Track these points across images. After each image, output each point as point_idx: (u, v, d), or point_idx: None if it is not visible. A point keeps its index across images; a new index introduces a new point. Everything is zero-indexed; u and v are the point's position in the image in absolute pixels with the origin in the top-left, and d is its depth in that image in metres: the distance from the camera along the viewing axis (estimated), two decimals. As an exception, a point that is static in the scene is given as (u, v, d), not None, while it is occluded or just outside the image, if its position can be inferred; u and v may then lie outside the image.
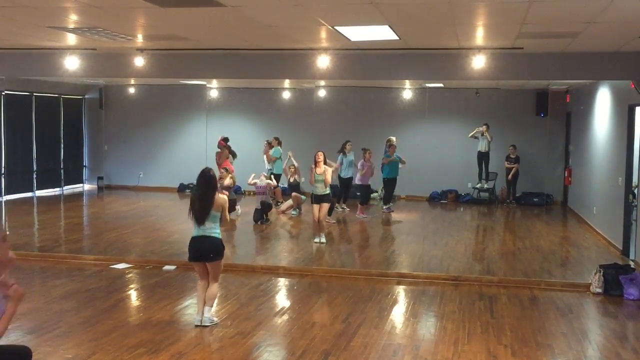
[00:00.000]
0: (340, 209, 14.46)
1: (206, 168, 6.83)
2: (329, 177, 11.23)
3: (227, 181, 12.56)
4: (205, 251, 6.69)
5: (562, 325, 7.10)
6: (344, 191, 14.61)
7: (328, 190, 11.29)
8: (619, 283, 8.27)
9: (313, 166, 11.23)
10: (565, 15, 6.47)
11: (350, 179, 14.43)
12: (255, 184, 13.45)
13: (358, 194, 14.46)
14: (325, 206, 11.30)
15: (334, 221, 13.43)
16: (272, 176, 14.36)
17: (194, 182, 6.92)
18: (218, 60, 10.17)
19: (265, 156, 15.38)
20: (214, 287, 6.79)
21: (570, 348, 6.39)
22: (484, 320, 7.19)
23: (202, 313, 6.78)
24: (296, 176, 14.32)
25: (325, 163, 11.32)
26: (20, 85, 15.93)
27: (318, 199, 11.21)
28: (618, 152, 11.06)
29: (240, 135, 17.32)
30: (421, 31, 7.73)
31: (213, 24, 7.38)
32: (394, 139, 14.66)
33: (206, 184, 6.71)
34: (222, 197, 6.80)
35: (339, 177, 14.14)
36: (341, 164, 14.06)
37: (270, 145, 15.37)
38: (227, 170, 12.77)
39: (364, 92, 16.85)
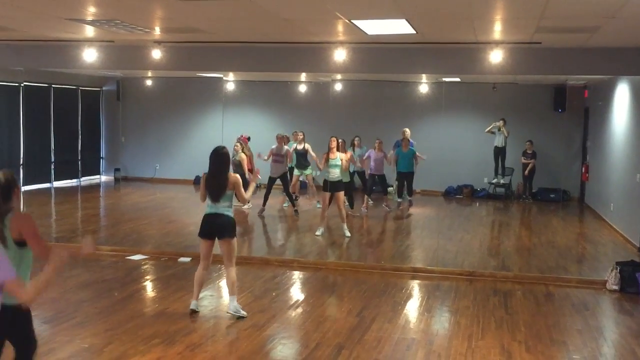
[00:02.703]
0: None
1: (219, 146, 6.85)
2: (345, 164, 11.19)
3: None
4: (217, 228, 6.71)
5: (577, 322, 7.07)
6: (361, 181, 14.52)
7: (341, 177, 11.20)
8: (636, 280, 8.21)
9: (325, 154, 11.18)
10: (585, 9, 6.41)
11: (362, 172, 14.40)
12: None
13: (374, 188, 14.36)
14: (340, 194, 11.23)
15: (358, 214, 13.39)
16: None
17: None
18: (235, 53, 10.19)
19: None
20: (232, 273, 6.80)
21: (585, 345, 6.36)
22: (499, 315, 7.16)
23: (198, 297, 6.91)
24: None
25: (338, 150, 11.27)
26: (38, 77, 16.05)
27: (331, 187, 11.14)
28: (636, 149, 10.96)
29: (257, 128, 17.35)
30: (438, 25, 7.70)
31: (230, 16, 7.39)
32: (408, 131, 14.48)
33: (221, 161, 6.73)
34: (235, 175, 6.81)
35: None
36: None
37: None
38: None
39: (381, 86, 16.80)
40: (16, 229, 4.08)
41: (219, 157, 6.74)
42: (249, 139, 14.39)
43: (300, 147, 14.00)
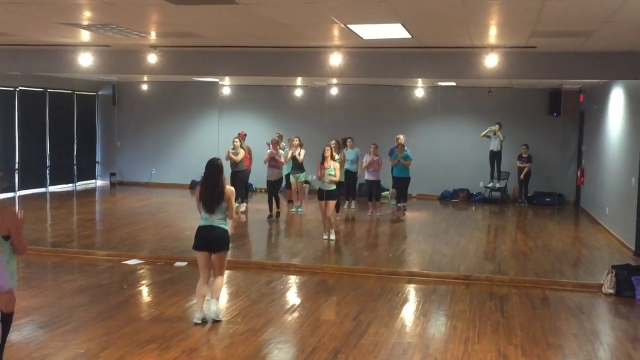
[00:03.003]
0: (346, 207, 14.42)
1: (214, 158, 6.85)
2: (337, 174, 11.19)
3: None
4: (211, 241, 6.70)
5: (573, 326, 7.07)
6: (351, 184, 14.51)
7: (334, 186, 11.25)
8: (631, 284, 8.22)
9: (320, 163, 11.21)
10: (579, 14, 6.43)
11: (354, 173, 14.40)
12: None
13: (372, 191, 14.35)
14: (331, 203, 11.26)
15: (339, 218, 13.39)
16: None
17: None
18: (230, 57, 10.20)
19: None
20: (219, 280, 6.79)
21: (581, 349, 6.36)
22: (495, 319, 7.17)
23: (202, 310, 6.76)
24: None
25: (333, 158, 11.30)
26: (34, 81, 16.04)
27: (326, 195, 11.18)
28: (631, 152, 10.99)
29: (252, 132, 17.35)
30: (434, 29, 7.72)
31: (226, 21, 7.41)
32: (402, 137, 14.49)
33: (217, 172, 6.72)
34: (230, 187, 6.83)
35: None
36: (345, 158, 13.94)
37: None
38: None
39: (376, 90, 16.83)
40: (5, 224, 4.13)
41: (214, 168, 6.73)
42: (245, 135, 14.45)
43: (296, 152, 14.01)
